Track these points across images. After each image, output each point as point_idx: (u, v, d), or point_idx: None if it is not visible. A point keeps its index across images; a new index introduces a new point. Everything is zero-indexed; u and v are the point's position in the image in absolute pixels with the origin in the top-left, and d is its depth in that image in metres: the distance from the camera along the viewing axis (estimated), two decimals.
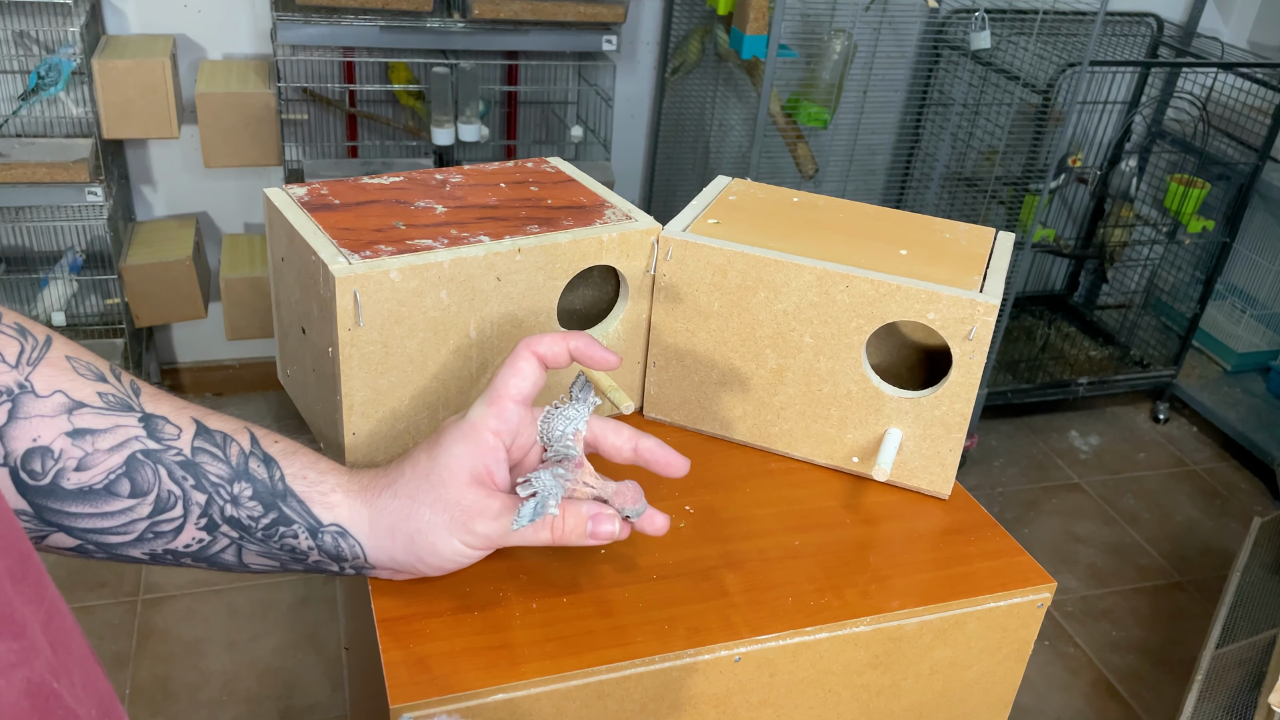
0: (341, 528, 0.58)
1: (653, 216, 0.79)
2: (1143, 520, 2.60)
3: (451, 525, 0.58)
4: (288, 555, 0.57)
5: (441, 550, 0.59)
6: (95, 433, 0.51)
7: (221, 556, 0.56)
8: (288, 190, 0.76)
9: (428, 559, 0.59)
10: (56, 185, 2.08)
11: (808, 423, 0.80)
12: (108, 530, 0.52)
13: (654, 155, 2.73)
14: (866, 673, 0.70)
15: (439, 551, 0.58)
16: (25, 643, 0.33)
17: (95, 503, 0.51)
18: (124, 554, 0.54)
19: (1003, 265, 0.78)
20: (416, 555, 0.59)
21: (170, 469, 0.53)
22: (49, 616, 0.36)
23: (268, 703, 1.89)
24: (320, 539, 0.57)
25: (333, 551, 0.58)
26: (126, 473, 0.51)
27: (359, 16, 2.07)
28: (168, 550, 0.54)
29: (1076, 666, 2.16)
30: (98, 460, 0.51)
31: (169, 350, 2.62)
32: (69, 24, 2.03)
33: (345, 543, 0.58)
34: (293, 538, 0.57)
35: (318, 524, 0.57)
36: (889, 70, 2.65)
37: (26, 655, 0.33)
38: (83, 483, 0.50)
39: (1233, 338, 3.08)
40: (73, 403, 0.51)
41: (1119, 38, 2.93)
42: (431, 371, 0.72)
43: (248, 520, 0.55)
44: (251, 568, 0.57)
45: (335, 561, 0.59)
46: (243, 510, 0.55)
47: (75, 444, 0.50)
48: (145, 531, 0.53)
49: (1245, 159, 2.75)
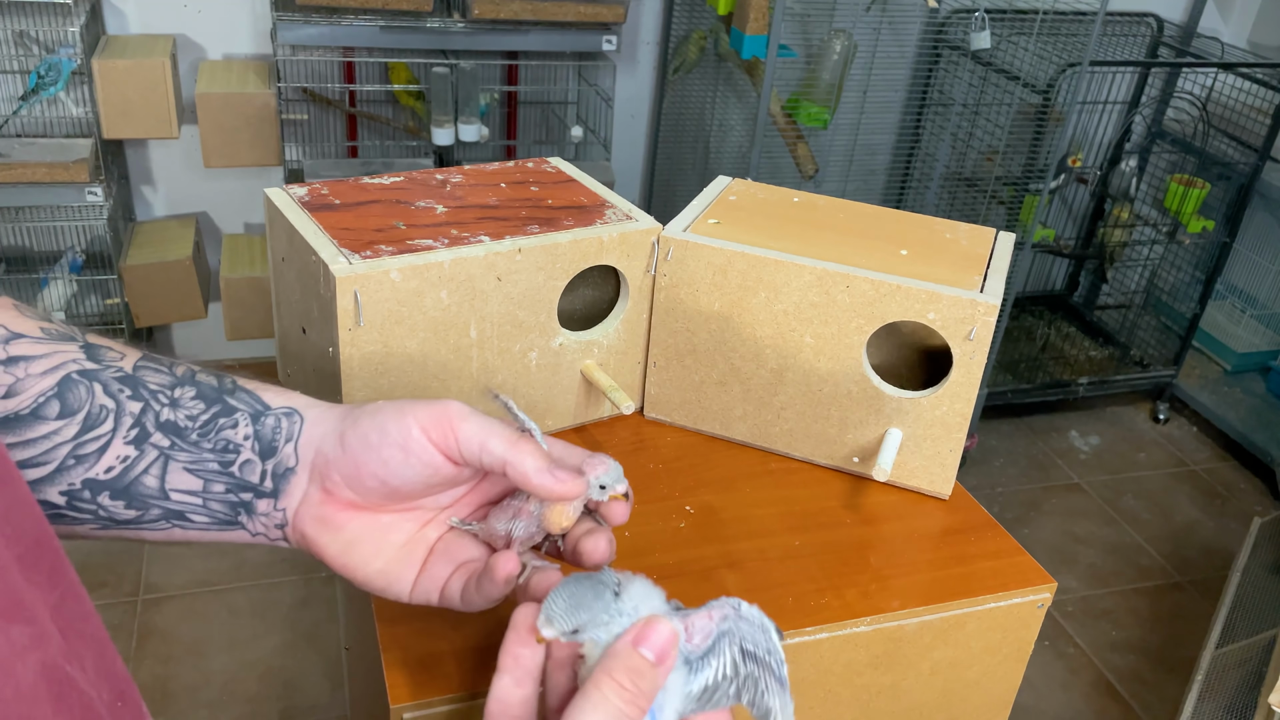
0: (291, 408, 0.53)
1: (653, 216, 0.79)
2: (1143, 520, 2.60)
3: (422, 410, 0.51)
4: (216, 463, 0.51)
5: (389, 430, 0.51)
6: (30, 359, 0.48)
7: (142, 481, 0.50)
8: (288, 190, 0.76)
9: (363, 452, 0.51)
10: (56, 185, 2.08)
11: (808, 423, 0.80)
12: (27, 463, 0.48)
13: (654, 155, 2.73)
14: (866, 673, 0.70)
15: (387, 432, 0.51)
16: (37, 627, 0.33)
17: (19, 430, 0.47)
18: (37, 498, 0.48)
19: (1003, 265, 0.78)
20: (361, 438, 0.51)
21: (106, 384, 0.49)
22: (61, 601, 0.36)
23: (268, 703, 1.89)
24: (261, 423, 0.52)
25: (269, 440, 0.52)
26: (58, 394, 0.48)
27: (359, 16, 2.07)
28: (86, 482, 0.49)
29: (1076, 666, 2.16)
30: (28, 385, 0.47)
31: (169, 350, 2.62)
32: (69, 24, 2.03)
33: (288, 425, 0.52)
34: (231, 428, 0.51)
35: (264, 408, 0.52)
36: (889, 70, 2.65)
37: (39, 639, 0.33)
38: (8, 410, 0.47)
39: (1233, 338, 3.08)
40: (10, 334, 0.48)
41: (1119, 38, 2.93)
42: (431, 371, 0.72)
43: (184, 422, 0.50)
44: (170, 495, 0.51)
45: (262, 461, 0.52)
46: (181, 411, 0.50)
47: (7, 371, 0.47)
48: (66, 458, 0.48)
49: (1245, 159, 2.75)
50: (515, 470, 0.51)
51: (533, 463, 0.50)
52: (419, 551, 0.54)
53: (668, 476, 0.79)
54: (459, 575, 0.54)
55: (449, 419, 0.51)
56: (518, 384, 0.77)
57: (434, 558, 0.54)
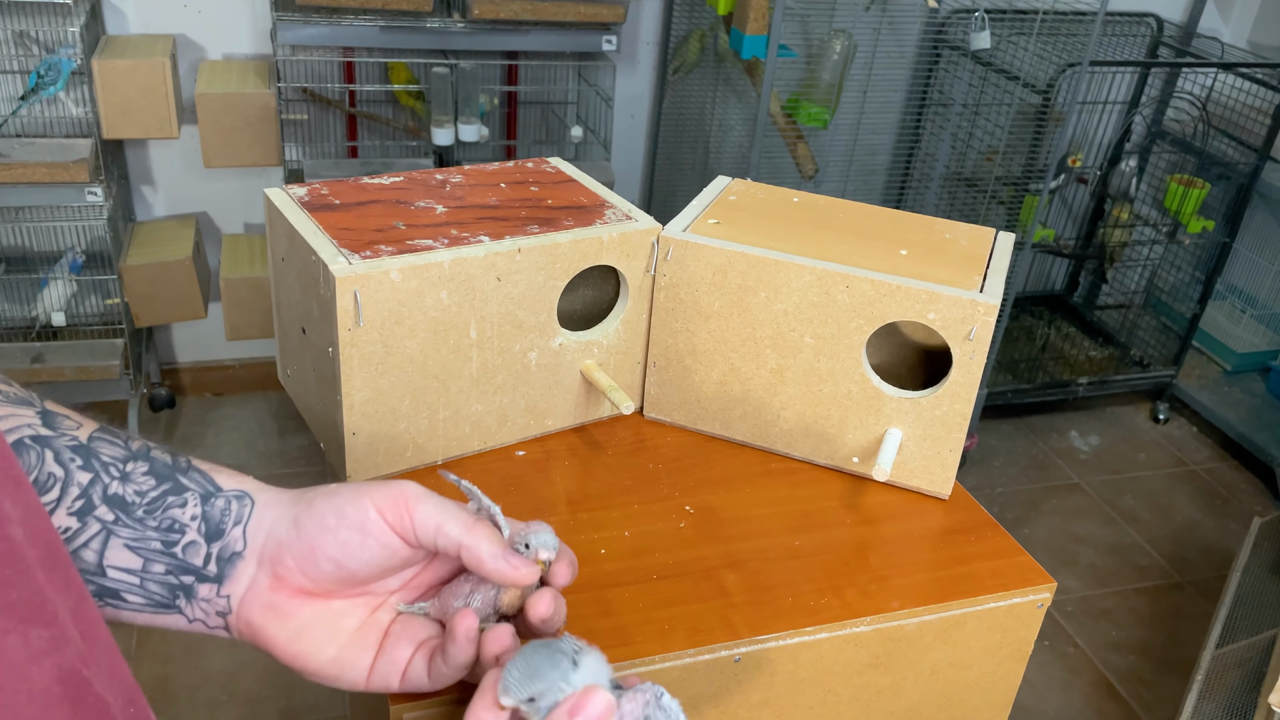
0: (243, 491, 0.52)
1: (653, 216, 0.79)
2: (1143, 520, 2.60)
3: (377, 493, 0.51)
4: (159, 542, 0.50)
5: (346, 513, 0.50)
6: None
7: (80, 555, 0.49)
8: (288, 190, 0.76)
9: (319, 535, 0.51)
10: (56, 185, 2.08)
11: (808, 423, 0.80)
12: None
13: (654, 155, 2.73)
14: (866, 673, 0.70)
15: (344, 514, 0.50)
16: (56, 630, 0.33)
17: None
18: None
19: (1003, 265, 0.78)
20: (317, 521, 0.51)
21: (58, 452, 0.48)
22: (78, 605, 0.36)
23: (268, 703, 1.89)
24: (210, 505, 0.51)
25: (217, 522, 0.51)
26: None
27: (359, 16, 2.07)
28: None
29: (1076, 666, 2.16)
30: None
31: (169, 350, 2.62)
32: (69, 24, 2.03)
33: (238, 508, 0.51)
34: (179, 506, 0.50)
35: (215, 489, 0.51)
36: (889, 70, 2.65)
37: (57, 643, 0.33)
38: None
39: (1233, 338, 3.08)
40: None
41: (1119, 38, 2.93)
42: (432, 371, 0.72)
43: (132, 496, 0.49)
44: (107, 572, 0.49)
45: (207, 544, 0.51)
46: (130, 486, 0.49)
47: None
48: None
49: (1245, 159, 2.75)
50: (470, 555, 0.51)
51: (488, 548, 0.51)
52: (373, 636, 0.54)
53: (668, 476, 0.79)
54: (421, 654, 0.53)
55: (405, 501, 0.51)
56: (518, 384, 0.77)
57: (390, 641, 0.54)
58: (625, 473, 0.79)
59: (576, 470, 0.78)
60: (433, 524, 0.51)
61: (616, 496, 0.76)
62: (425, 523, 0.51)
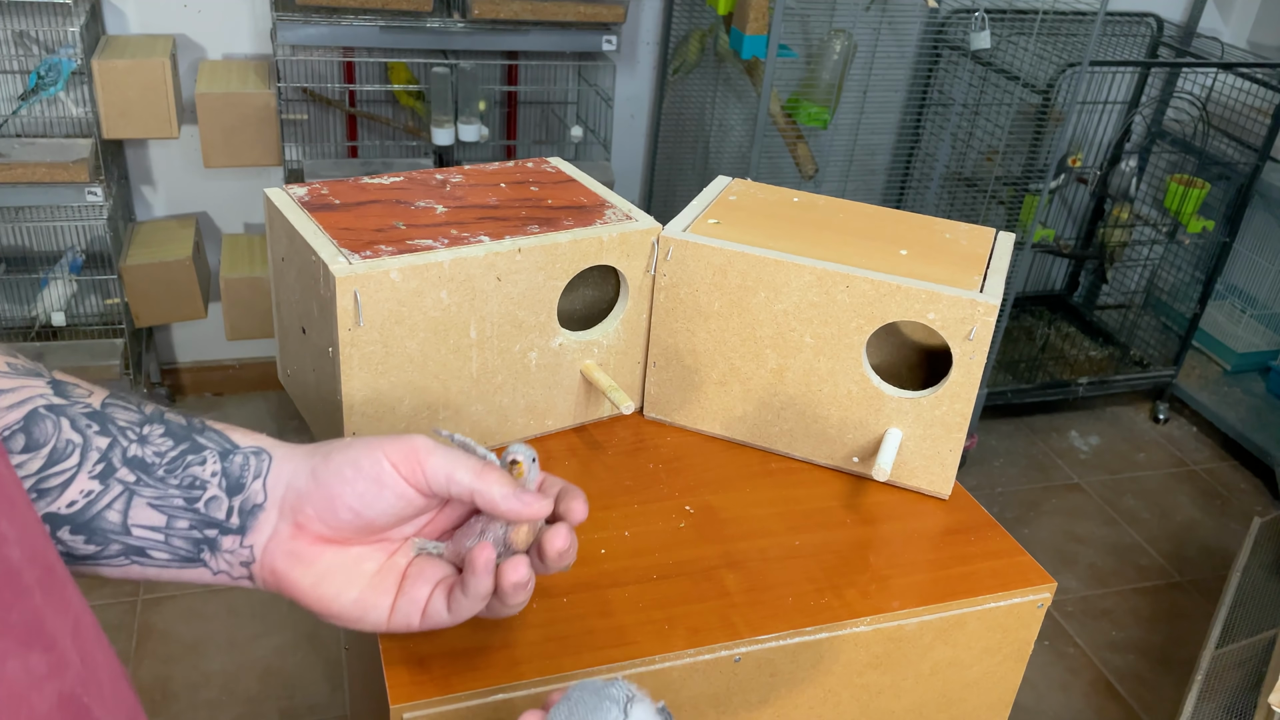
0: (260, 447, 0.54)
1: (653, 216, 0.79)
2: (1143, 520, 2.60)
3: (390, 445, 0.53)
4: (182, 499, 0.51)
5: (362, 465, 0.53)
6: None
7: (104, 516, 0.50)
8: (288, 190, 0.76)
9: (338, 486, 0.53)
10: (56, 185, 2.08)
11: (808, 423, 0.80)
12: None
13: (654, 155, 2.73)
14: (866, 673, 0.70)
15: (360, 466, 0.53)
16: (56, 655, 0.33)
17: None
18: None
19: (1003, 265, 0.78)
20: (335, 473, 0.53)
21: (74, 419, 0.49)
22: (76, 625, 0.36)
23: (268, 703, 1.89)
24: (229, 461, 0.52)
25: (237, 477, 0.52)
26: (24, 427, 0.48)
27: (359, 16, 2.07)
28: (46, 516, 0.49)
29: (1076, 666, 2.16)
30: None
31: (169, 350, 2.62)
32: (69, 24, 2.03)
33: (256, 463, 0.53)
34: (199, 465, 0.52)
35: (233, 446, 0.53)
36: (889, 70, 2.65)
37: (57, 668, 0.33)
38: None
39: (1233, 338, 3.08)
40: None
41: (1119, 38, 2.93)
42: (432, 371, 0.72)
43: (152, 457, 0.50)
44: (132, 531, 0.50)
45: (229, 497, 0.52)
46: (149, 448, 0.51)
47: None
48: (28, 492, 0.47)
49: (1245, 159, 2.75)
50: (483, 498, 0.53)
51: (499, 489, 0.53)
52: (392, 578, 0.56)
53: (668, 476, 0.79)
54: (440, 590, 0.55)
55: (416, 453, 0.53)
56: (518, 384, 0.77)
57: (408, 582, 0.56)
58: (625, 473, 0.79)
59: (576, 470, 0.78)
60: (444, 474, 0.53)
61: (616, 496, 0.76)
62: (436, 473, 0.53)
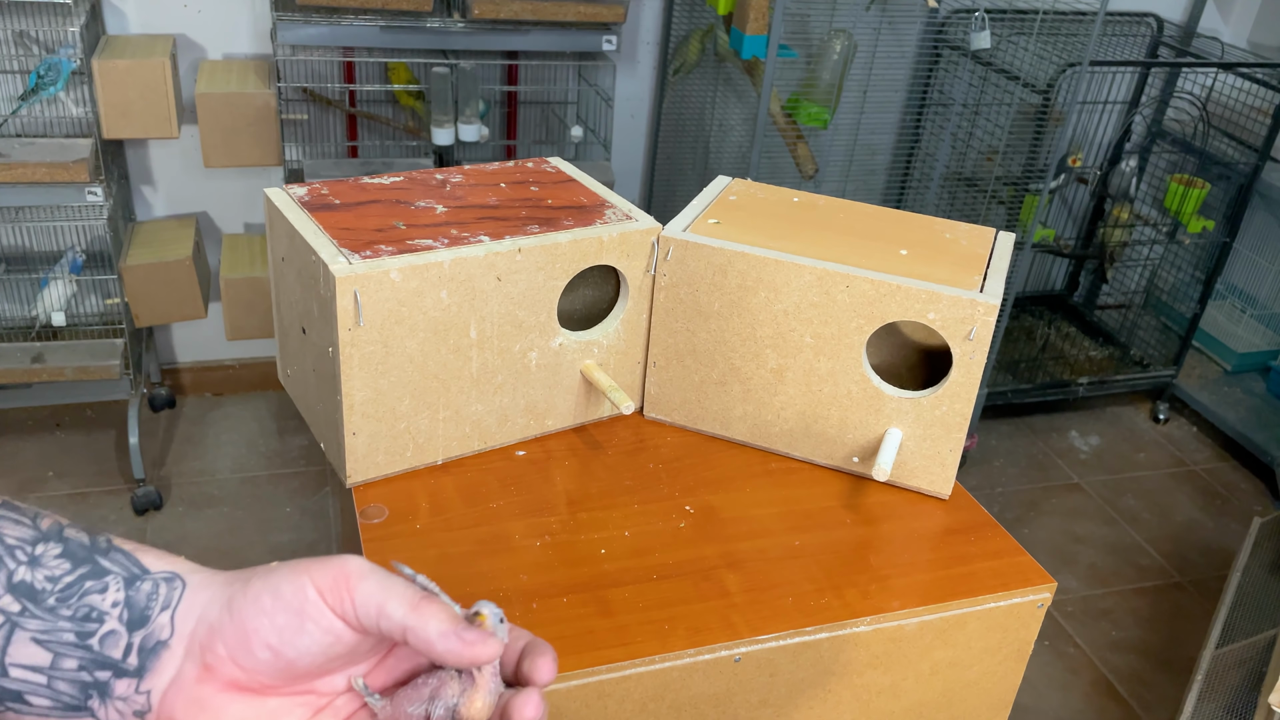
0: (173, 573, 0.46)
1: (653, 216, 0.79)
2: (1143, 520, 2.60)
3: (318, 570, 0.45)
4: (73, 634, 0.44)
5: (283, 593, 0.44)
6: None
7: None
8: (288, 190, 0.76)
9: (255, 618, 0.45)
10: (56, 185, 2.08)
11: (808, 423, 0.80)
12: None
13: (654, 155, 2.73)
14: (866, 673, 0.70)
15: (280, 594, 0.44)
16: None
17: None
18: None
19: (1003, 265, 0.78)
20: (252, 602, 0.45)
21: None
22: None
23: None
24: (135, 589, 0.45)
25: (141, 608, 0.45)
26: None
27: (359, 16, 2.07)
28: None
29: (1076, 666, 2.16)
30: None
31: (169, 350, 2.62)
32: (69, 24, 2.03)
33: (167, 591, 0.46)
34: (99, 592, 0.45)
35: (142, 572, 0.46)
36: (889, 70, 2.65)
37: None
38: None
39: (1233, 338, 3.08)
40: None
41: (1119, 38, 2.93)
42: (432, 371, 0.72)
43: (43, 583, 0.44)
44: (9, 672, 0.44)
45: (129, 633, 0.45)
46: (40, 571, 0.44)
47: None
48: None
49: (1245, 159, 2.75)
50: (417, 636, 0.44)
51: (436, 625, 0.44)
52: None
53: (668, 476, 0.79)
54: None
55: (346, 579, 0.44)
56: (518, 384, 0.77)
57: None
58: (625, 473, 0.79)
59: (576, 470, 0.78)
60: (374, 604, 0.44)
61: (616, 496, 0.76)
62: (367, 603, 0.44)
